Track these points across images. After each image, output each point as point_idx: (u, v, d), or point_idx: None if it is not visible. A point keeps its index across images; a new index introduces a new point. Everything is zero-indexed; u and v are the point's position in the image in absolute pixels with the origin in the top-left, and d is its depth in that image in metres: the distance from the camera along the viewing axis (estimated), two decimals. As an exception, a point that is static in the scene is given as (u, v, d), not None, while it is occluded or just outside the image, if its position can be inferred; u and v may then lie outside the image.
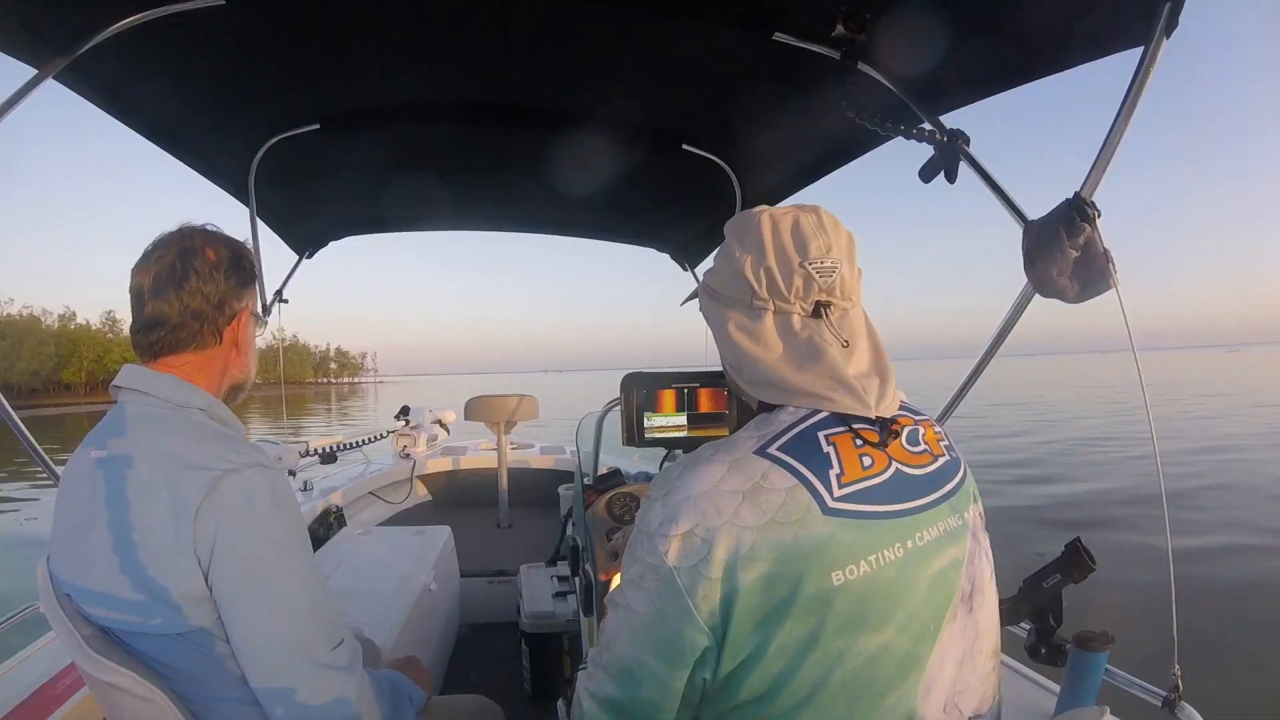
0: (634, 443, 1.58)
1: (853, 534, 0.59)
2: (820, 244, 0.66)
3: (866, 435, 0.64)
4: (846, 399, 0.64)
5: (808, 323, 0.67)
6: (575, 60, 1.56)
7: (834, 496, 0.60)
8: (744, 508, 0.58)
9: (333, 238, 2.74)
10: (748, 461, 0.61)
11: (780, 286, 0.66)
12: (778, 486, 0.59)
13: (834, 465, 0.61)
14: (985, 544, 0.72)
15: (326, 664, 0.82)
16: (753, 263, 0.67)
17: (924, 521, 0.64)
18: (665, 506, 0.62)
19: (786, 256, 0.66)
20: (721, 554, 0.57)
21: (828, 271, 0.66)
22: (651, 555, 0.61)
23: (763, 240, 0.67)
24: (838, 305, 0.68)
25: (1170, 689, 0.91)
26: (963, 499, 0.69)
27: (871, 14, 1.21)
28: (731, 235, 0.72)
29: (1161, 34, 0.98)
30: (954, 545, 0.66)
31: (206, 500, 0.76)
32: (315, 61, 1.52)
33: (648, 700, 0.63)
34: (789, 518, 0.58)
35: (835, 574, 0.58)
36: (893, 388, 0.69)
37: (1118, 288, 1.01)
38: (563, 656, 2.04)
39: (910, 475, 0.65)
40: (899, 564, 0.61)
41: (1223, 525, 6.44)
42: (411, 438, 3.95)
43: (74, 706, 1.13)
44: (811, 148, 1.91)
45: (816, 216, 0.68)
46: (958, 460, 0.72)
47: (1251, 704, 3.24)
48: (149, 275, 0.85)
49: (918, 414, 0.74)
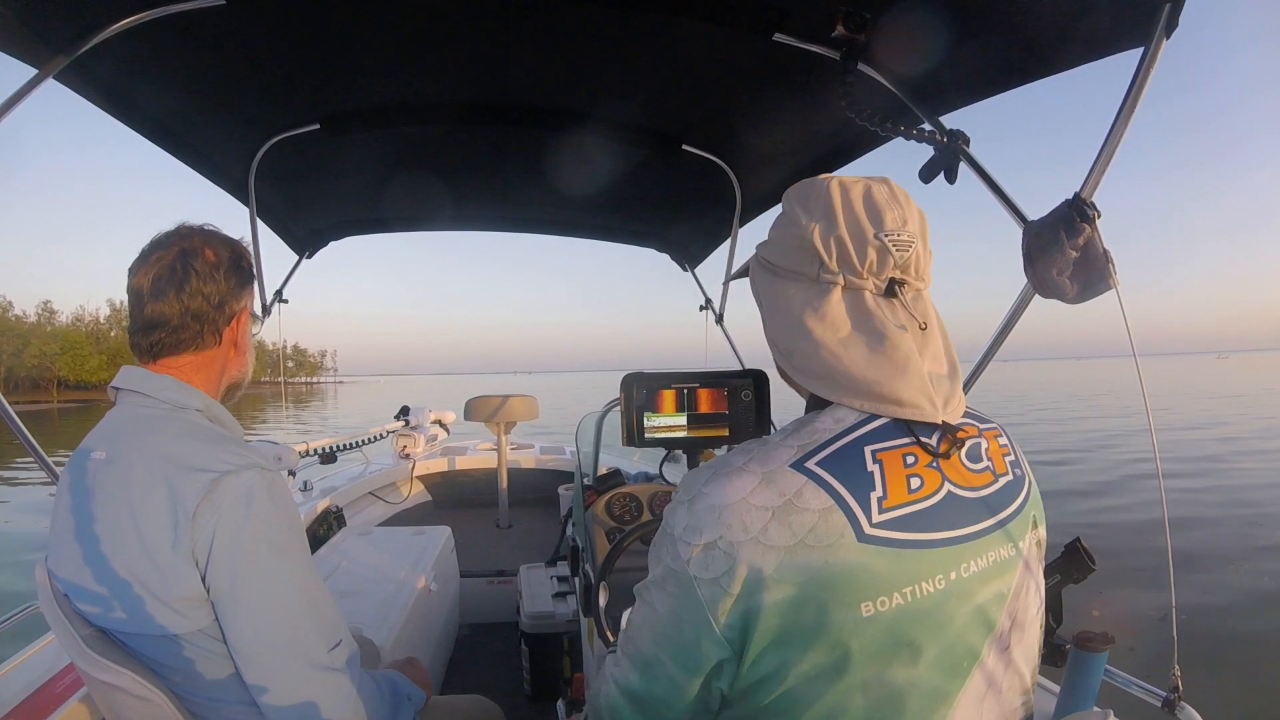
0: (634, 443, 1.58)
1: (888, 563, 0.54)
2: (895, 216, 0.60)
3: (919, 452, 0.58)
4: (914, 400, 0.58)
5: (879, 302, 0.61)
6: (575, 60, 1.56)
7: (872, 522, 0.54)
8: (772, 526, 0.54)
9: (333, 238, 2.74)
10: (781, 475, 0.56)
11: (853, 258, 0.60)
12: (811, 507, 0.54)
13: (876, 487, 0.55)
14: (1038, 575, 0.66)
15: (324, 664, 0.82)
16: (821, 231, 0.60)
17: (972, 551, 0.58)
18: (690, 513, 0.58)
19: (860, 226, 0.59)
20: (744, 571, 0.53)
21: (904, 245, 0.60)
22: (673, 560, 0.58)
23: (833, 207, 0.60)
24: (912, 284, 0.61)
25: (1170, 689, 0.91)
26: (1020, 525, 0.62)
27: (871, 14, 1.21)
28: (794, 202, 0.65)
29: (1161, 34, 0.98)
30: (1001, 578, 0.60)
31: (204, 501, 0.76)
32: (315, 61, 1.52)
33: (662, 698, 0.61)
34: (820, 542, 0.53)
35: (865, 605, 0.53)
36: (960, 388, 0.63)
37: (1118, 288, 1.01)
38: (562, 657, 2.04)
39: (964, 498, 0.59)
40: (937, 597, 0.56)
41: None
42: (411, 438, 3.95)
43: (74, 706, 1.13)
44: (811, 148, 1.91)
45: (888, 187, 0.62)
46: (1022, 479, 0.65)
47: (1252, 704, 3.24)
48: (148, 276, 0.85)
49: (984, 421, 0.67)
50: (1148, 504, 7.32)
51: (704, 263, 2.98)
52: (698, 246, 2.90)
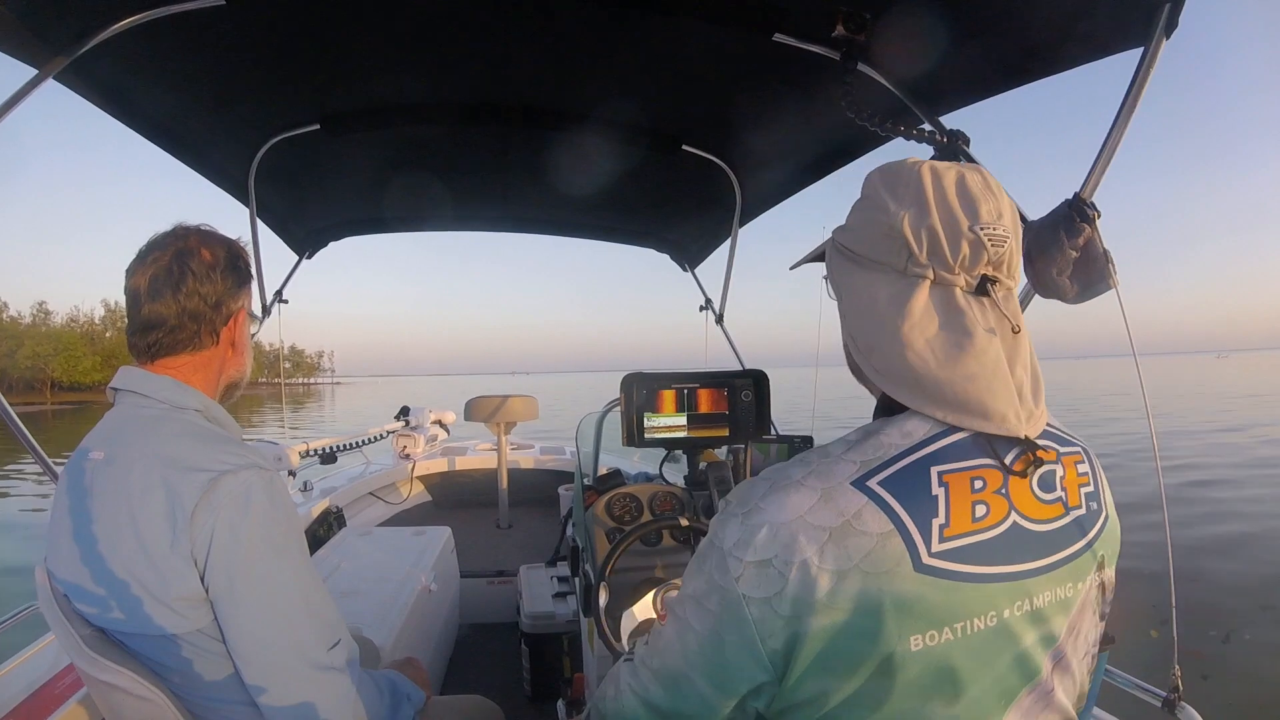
0: (634, 443, 1.58)
1: (943, 596, 0.51)
2: (991, 207, 0.56)
3: (988, 476, 0.54)
4: (1001, 413, 0.54)
5: (970, 300, 0.56)
6: (575, 60, 1.56)
7: (930, 551, 0.51)
8: (829, 548, 0.51)
9: (333, 238, 2.74)
10: (841, 494, 0.52)
11: (945, 251, 0.55)
12: (870, 530, 0.51)
13: (939, 513, 0.52)
14: (1094, 618, 0.62)
15: (323, 664, 0.82)
16: (912, 219, 0.56)
17: (1031, 589, 0.54)
18: (744, 527, 0.54)
19: (954, 216, 0.55)
20: (795, 592, 0.50)
21: (999, 240, 0.55)
22: (722, 576, 0.54)
23: (924, 194, 0.56)
24: (1003, 283, 0.57)
25: (1170, 689, 0.91)
26: (1084, 564, 0.58)
27: (871, 14, 1.21)
28: (880, 186, 0.60)
29: (1161, 34, 0.98)
30: (1055, 618, 0.56)
31: (203, 502, 0.76)
32: (315, 61, 1.52)
33: (690, 716, 0.59)
34: (875, 568, 0.50)
35: (915, 638, 0.51)
36: (1043, 402, 0.59)
37: (1118, 288, 1.01)
38: (562, 657, 2.05)
39: (1028, 531, 0.55)
40: (987, 635, 0.53)
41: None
42: (411, 438, 3.95)
43: (74, 706, 1.13)
44: (811, 148, 1.91)
45: (982, 175, 0.58)
46: (1097, 513, 0.61)
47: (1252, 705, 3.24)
48: (145, 277, 0.85)
49: (1065, 443, 0.61)
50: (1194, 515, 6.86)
51: (704, 263, 2.98)
52: (698, 246, 2.90)
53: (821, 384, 1.85)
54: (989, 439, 0.55)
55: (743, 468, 1.63)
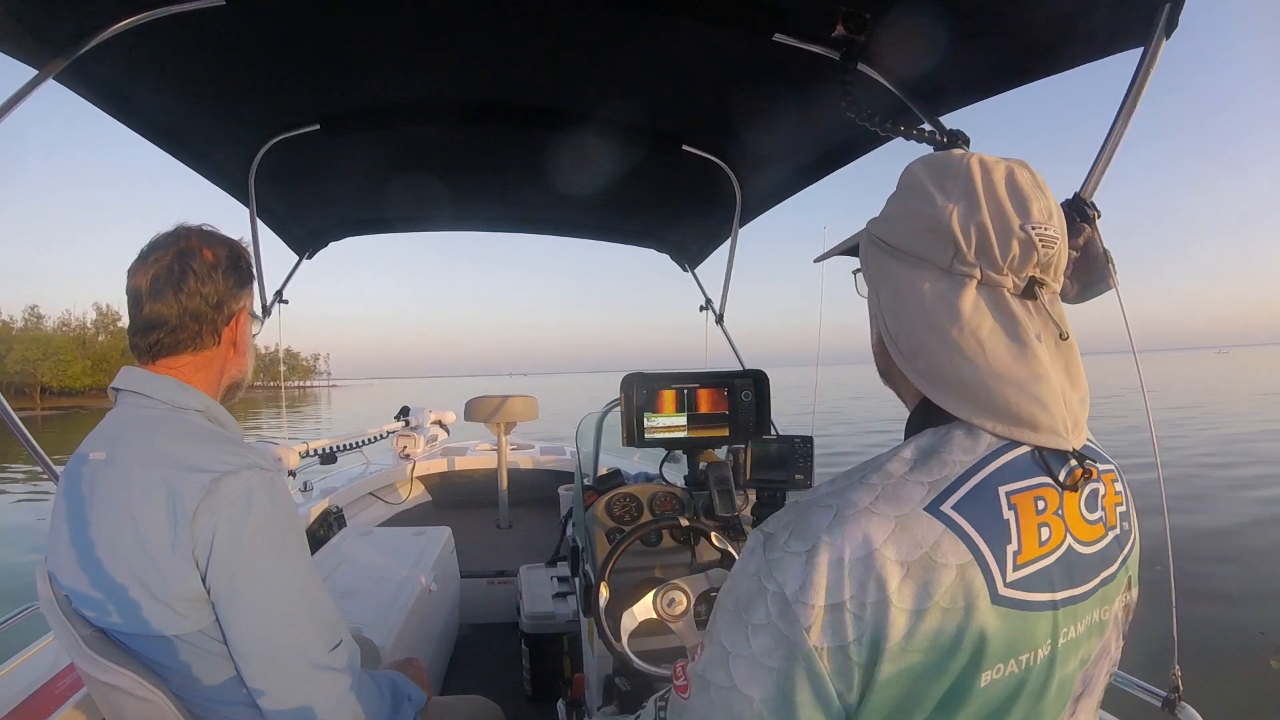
0: (634, 443, 1.58)
1: (1013, 628, 0.48)
2: (1042, 206, 0.53)
3: (1049, 495, 0.51)
4: (1051, 425, 0.51)
5: (1018, 304, 0.53)
6: (575, 60, 1.56)
7: (1006, 581, 0.47)
8: (907, 584, 0.46)
9: (333, 238, 2.74)
10: (917, 522, 0.47)
11: (994, 249, 0.52)
12: (949, 562, 0.46)
13: (1012, 539, 0.48)
14: (1115, 644, 0.60)
15: (324, 665, 0.82)
16: (961, 214, 0.52)
17: (1077, 615, 0.52)
18: (810, 566, 0.47)
19: (1004, 214, 0.52)
20: (873, 635, 0.45)
21: (1050, 241, 0.52)
22: (789, 627, 0.46)
23: (975, 188, 0.53)
24: (1050, 286, 0.54)
25: (1170, 689, 0.91)
26: (1116, 587, 0.56)
27: (871, 14, 1.21)
28: (926, 177, 0.56)
29: (1161, 34, 0.98)
30: (1090, 642, 0.55)
31: (204, 502, 0.76)
32: (315, 61, 1.52)
33: None
34: (955, 604, 0.46)
35: (986, 674, 0.47)
36: (1087, 414, 0.56)
37: (1118, 288, 1.01)
38: (562, 657, 2.05)
39: (1079, 554, 0.53)
40: (1044, 665, 0.50)
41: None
42: (411, 438, 3.95)
43: (74, 706, 1.13)
44: (811, 148, 1.91)
45: (1030, 172, 0.55)
46: (1128, 533, 0.59)
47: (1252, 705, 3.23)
48: (146, 277, 0.85)
49: (1102, 460, 0.58)
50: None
51: (704, 263, 2.98)
52: (698, 246, 2.90)
53: (822, 384, 1.85)
54: (1042, 454, 0.52)
55: (743, 468, 1.63)
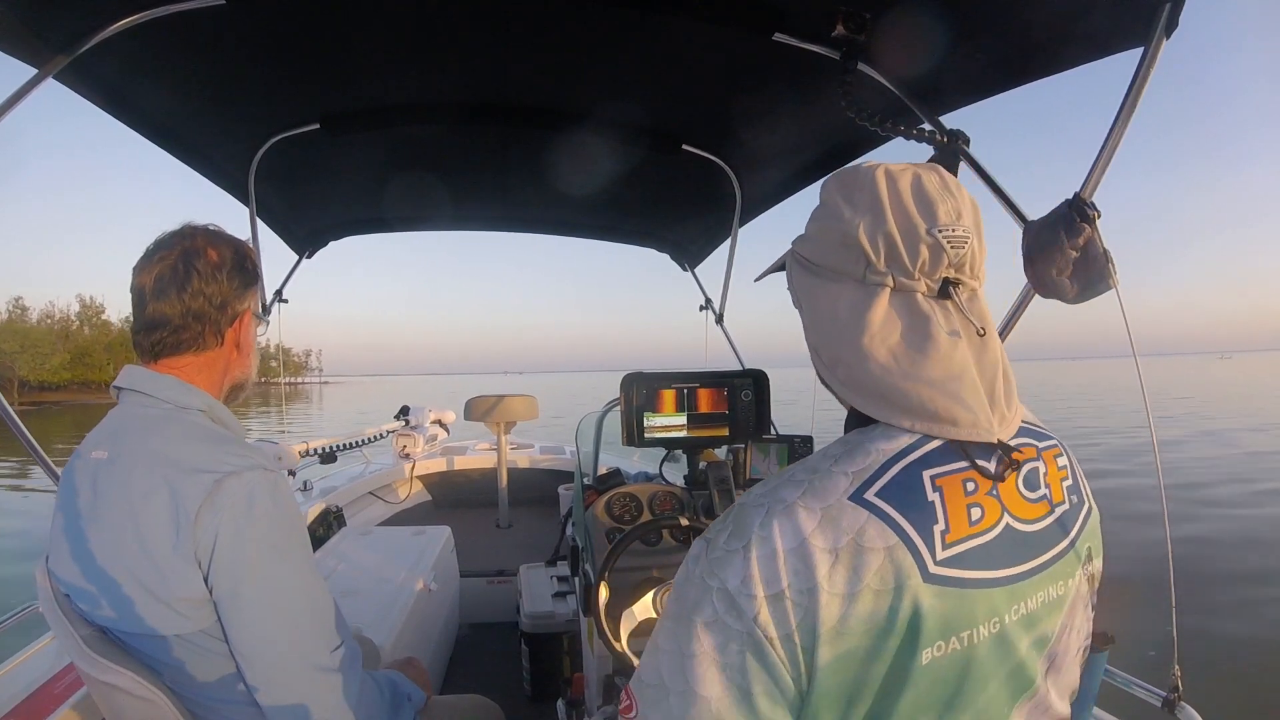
0: (634, 443, 1.58)
1: (950, 606, 0.49)
2: (949, 208, 0.55)
3: (978, 478, 0.53)
4: (970, 419, 0.53)
5: (932, 304, 0.55)
6: (575, 60, 1.56)
7: (936, 559, 0.49)
8: (837, 571, 0.48)
9: (333, 238, 2.74)
10: (843, 511, 0.49)
11: (903, 256, 0.54)
12: (876, 546, 0.48)
13: (938, 519, 0.50)
14: (1085, 613, 0.61)
15: (325, 666, 0.82)
16: (868, 226, 0.54)
17: (1025, 591, 0.53)
18: (747, 560, 0.49)
19: (910, 220, 0.54)
20: (811, 623, 0.47)
21: (959, 241, 0.54)
22: (737, 620, 0.48)
23: (880, 199, 0.55)
24: (967, 284, 0.56)
25: (1170, 689, 0.91)
26: (1072, 561, 0.57)
27: (871, 14, 1.21)
28: (836, 194, 0.58)
29: (1161, 34, 0.98)
30: (1049, 619, 0.56)
31: (207, 503, 0.76)
32: (315, 61, 1.52)
33: None
34: (885, 585, 0.48)
35: (925, 652, 0.49)
36: (1016, 400, 0.57)
37: (1118, 288, 1.01)
38: (562, 657, 2.05)
39: (1020, 532, 0.54)
40: (990, 643, 0.51)
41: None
42: (411, 438, 3.95)
43: (74, 706, 1.13)
44: (811, 148, 1.91)
45: (939, 175, 0.57)
46: (1079, 505, 0.60)
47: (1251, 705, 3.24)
48: (151, 276, 0.85)
49: (1043, 439, 0.60)
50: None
51: (704, 263, 2.98)
52: (698, 246, 2.90)
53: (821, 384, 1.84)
54: (963, 445, 0.53)
55: (743, 467, 1.63)
